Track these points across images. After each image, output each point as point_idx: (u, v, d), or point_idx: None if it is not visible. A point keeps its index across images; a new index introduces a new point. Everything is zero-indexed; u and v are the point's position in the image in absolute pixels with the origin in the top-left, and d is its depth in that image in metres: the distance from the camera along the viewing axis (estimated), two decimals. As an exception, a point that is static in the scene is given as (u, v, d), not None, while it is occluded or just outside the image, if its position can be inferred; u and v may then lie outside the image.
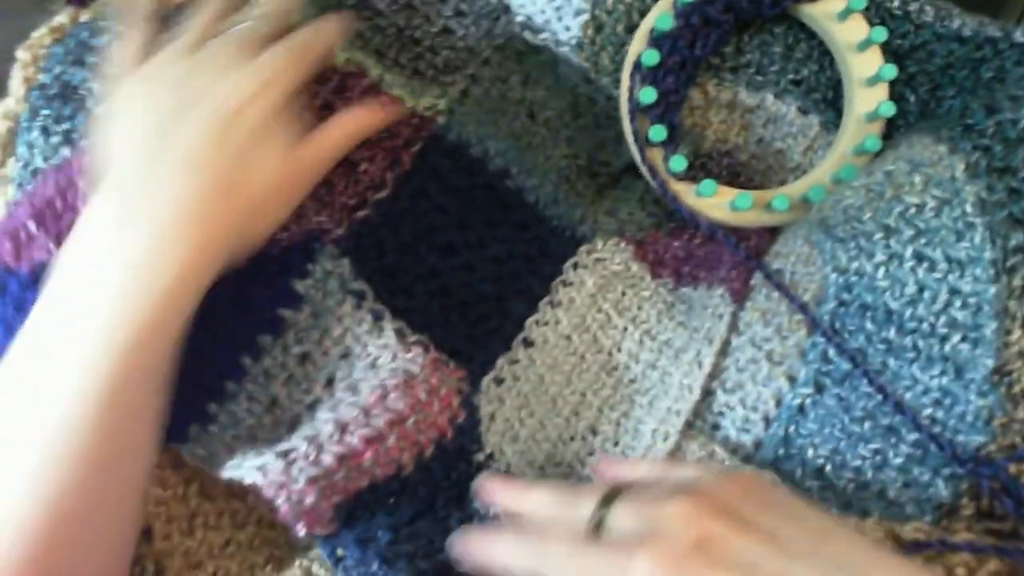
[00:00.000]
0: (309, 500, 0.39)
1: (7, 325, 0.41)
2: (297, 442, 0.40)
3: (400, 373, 0.43)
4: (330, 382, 0.43)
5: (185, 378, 0.41)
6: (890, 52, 0.53)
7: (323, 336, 0.42)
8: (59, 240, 0.42)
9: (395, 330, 0.44)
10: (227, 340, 0.42)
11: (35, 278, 0.42)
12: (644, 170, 0.53)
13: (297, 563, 0.44)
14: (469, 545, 0.40)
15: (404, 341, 0.44)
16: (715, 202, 0.52)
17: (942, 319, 0.42)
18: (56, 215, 0.43)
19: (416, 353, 0.44)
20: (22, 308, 0.41)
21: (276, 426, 0.42)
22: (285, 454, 0.39)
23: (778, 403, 0.46)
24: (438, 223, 0.47)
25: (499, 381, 0.46)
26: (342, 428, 0.41)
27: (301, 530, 0.40)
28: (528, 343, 0.48)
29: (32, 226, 0.42)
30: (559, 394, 0.47)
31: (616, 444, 0.47)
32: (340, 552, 0.41)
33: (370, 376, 0.43)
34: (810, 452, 0.45)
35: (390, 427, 0.41)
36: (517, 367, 0.47)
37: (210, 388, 0.41)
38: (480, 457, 0.44)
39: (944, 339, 0.42)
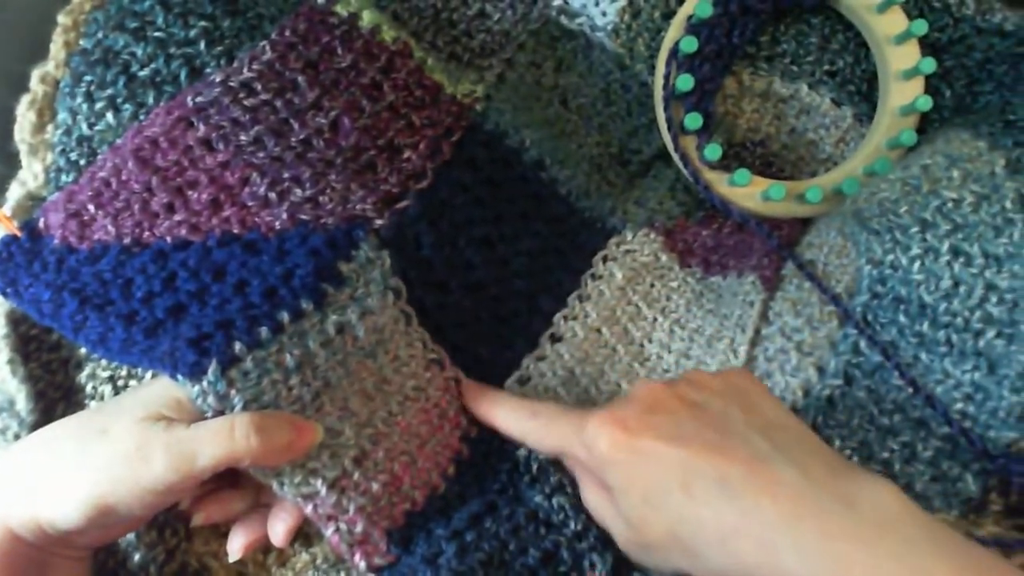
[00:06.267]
0: (359, 529, 0.40)
1: (58, 293, 0.41)
2: (348, 465, 0.40)
3: (420, 395, 0.44)
4: (369, 357, 0.43)
5: (206, 310, 0.40)
6: (927, 46, 0.52)
7: (365, 314, 0.42)
8: (116, 220, 0.43)
9: (420, 341, 0.45)
10: (263, 296, 0.40)
11: (94, 257, 0.42)
12: (676, 158, 0.52)
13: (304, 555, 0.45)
14: (471, 400, 0.45)
15: (423, 356, 0.45)
16: (747, 192, 0.52)
17: (977, 314, 0.42)
18: (113, 195, 0.43)
19: (431, 375, 0.45)
20: (77, 278, 0.42)
21: (303, 387, 0.39)
22: (335, 482, 0.39)
23: (806, 394, 0.46)
24: (475, 216, 0.47)
25: (524, 380, 0.47)
26: (389, 455, 0.41)
27: (360, 562, 0.40)
28: (556, 339, 0.48)
29: (92, 208, 0.43)
30: (592, 385, 0.48)
31: None
32: None
33: (396, 380, 0.43)
34: (837, 443, 0.45)
35: (419, 450, 0.43)
36: (544, 364, 0.47)
37: (240, 329, 0.38)
38: (524, 452, 0.44)
39: (978, 334, 0.42)
